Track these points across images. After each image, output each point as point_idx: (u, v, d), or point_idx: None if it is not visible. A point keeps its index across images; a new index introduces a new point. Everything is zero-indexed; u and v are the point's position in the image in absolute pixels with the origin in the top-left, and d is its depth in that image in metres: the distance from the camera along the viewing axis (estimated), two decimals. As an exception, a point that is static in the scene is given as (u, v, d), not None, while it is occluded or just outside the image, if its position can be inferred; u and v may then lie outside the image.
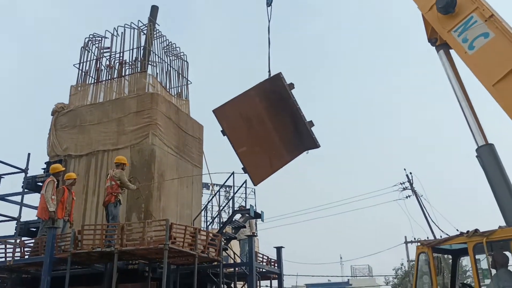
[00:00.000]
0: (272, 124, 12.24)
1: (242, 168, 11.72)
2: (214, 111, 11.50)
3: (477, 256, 8.36)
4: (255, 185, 12.00)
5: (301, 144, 12.72)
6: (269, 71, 12.22)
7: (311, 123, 12.53)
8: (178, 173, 13.25)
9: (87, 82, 14.24)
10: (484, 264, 8.42)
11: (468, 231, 8.26)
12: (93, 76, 14.28)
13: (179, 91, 15.22)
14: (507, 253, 8.25)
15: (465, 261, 8.96)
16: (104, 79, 14.13)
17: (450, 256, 10.18)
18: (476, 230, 8.12)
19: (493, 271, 8.31)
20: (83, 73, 14.32)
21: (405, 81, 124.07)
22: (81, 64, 14.39)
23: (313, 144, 12.70)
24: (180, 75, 15.42)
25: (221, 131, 11.61)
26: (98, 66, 14.35)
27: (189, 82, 15.60)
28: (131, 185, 11.09)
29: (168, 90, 14.61)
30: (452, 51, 10.16)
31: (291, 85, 12.27)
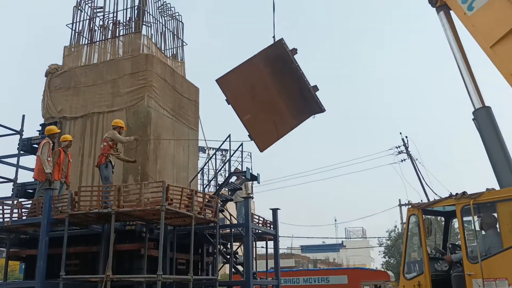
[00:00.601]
0: (276, 91, 12.21)
1: (248, 136, 11.81)
2: (217, 80, 11.43)
3: (468, 218, 8.52)
4: (261, 151, 12.07)
5: (307, 109, 12.75)
6: (274, 37, 12.07)
7: (315, 88, 12.49)
8: (174, 136, 13.22)
9: (81, 43, 13.98)
10: (475, 225, 8.58)
11: (457, 194, 8.40)
12: (87, 37, 14.01)
13: (174, 52, 14.98)
14: (495, 214, 8.40)
15: (457, 223, 9.13)
16: (97, 39, 13.88)
17: (443, 218, 10.35)
18: (464, 193, 8.27)
19: (483, 232, 8.49)
20: (76, 34, 14.03)
21: (405, 43, 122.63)
22: (74, 24, 14.08)
23: (319, 108, 12.72)
24: (175, 36, 15.14)
25: (226, 100, 11.60)
26: (91, 26, 14.05)
27: (184, 44, 15.35)
28: (126, 138, 11.10)
29: (163, 51, 14.38)
30: (452, 12, 10.01)
31: (294, 51, 12.15)
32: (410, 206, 9.33)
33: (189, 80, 14.59)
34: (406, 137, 27.35)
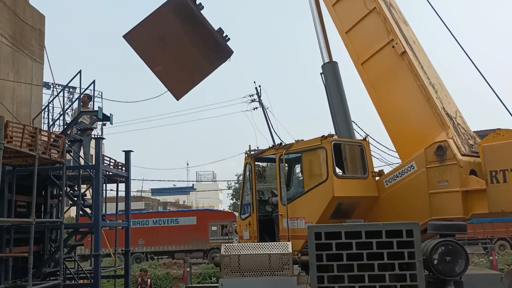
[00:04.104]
0: (188, 39, 12.12)
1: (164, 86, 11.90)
2: (124, 36, 11.20)
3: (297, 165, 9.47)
4: (177, 100, 12.13)
5: (221, 54, 12.78)
6: None
7: (220, 31, 12.45)
8: (14, 67, 11.89)
9: None
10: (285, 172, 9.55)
11: (276, 144, 9.37)
12: None
13: (15, -30, 13.15)
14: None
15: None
16: None
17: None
18: (280, 144, 9.27)
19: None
20: None
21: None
22: None
23: (227, 51, 12.73)
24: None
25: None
26: None
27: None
28: None
29: (1, -32, 12.52)
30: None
31: None
32: (246, 156, 10.06)
33: (33, 6, 13.06)
34: (260, 86, 28.44)
